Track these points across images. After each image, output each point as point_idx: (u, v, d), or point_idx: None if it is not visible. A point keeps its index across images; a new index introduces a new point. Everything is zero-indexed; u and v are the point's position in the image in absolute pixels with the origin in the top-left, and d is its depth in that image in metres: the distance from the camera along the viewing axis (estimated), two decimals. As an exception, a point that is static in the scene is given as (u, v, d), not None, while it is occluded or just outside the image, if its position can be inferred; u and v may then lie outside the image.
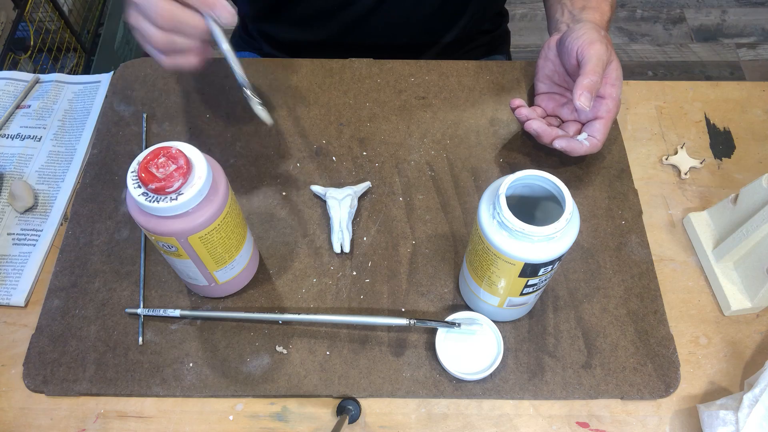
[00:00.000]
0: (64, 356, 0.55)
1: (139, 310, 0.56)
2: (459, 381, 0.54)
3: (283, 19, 0.82)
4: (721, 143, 0.69)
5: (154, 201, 0.44)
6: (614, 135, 0.68)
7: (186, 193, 0.44)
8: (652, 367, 0.54)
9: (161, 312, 0.56)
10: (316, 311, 0.57)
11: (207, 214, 0.46)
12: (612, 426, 0.53)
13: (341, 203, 0.60)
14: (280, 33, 0.85)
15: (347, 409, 0.52)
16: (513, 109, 0.64)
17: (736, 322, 0.58)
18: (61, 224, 0.64)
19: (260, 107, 0.55)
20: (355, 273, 0.59)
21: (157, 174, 0.44)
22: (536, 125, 0.62)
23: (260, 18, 0.84)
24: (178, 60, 0.54)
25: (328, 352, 0.55)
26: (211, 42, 0.54)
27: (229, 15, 0.51)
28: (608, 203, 0.63)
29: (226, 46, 0.53)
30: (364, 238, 0.61)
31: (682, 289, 0.60)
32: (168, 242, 0.47)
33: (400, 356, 0.55)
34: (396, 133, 0.68)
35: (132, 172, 0.45)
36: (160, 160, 0.45)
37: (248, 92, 0.54)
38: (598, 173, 0.65)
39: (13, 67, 1.24)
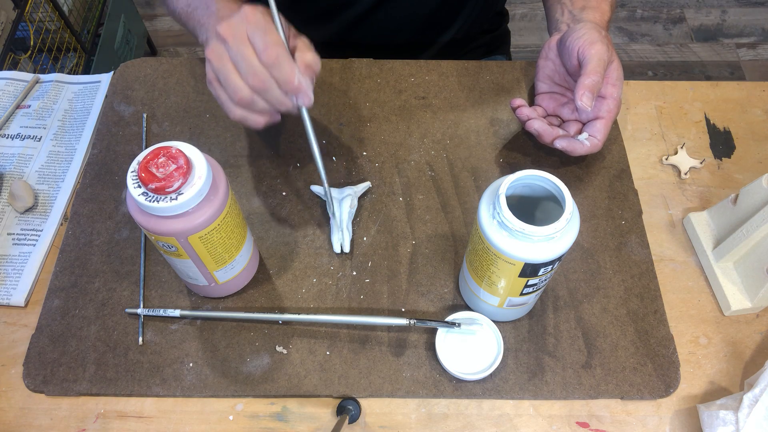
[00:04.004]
0: (64, 356, 0.55)
1: (139, 310, 0.56)
2: (459, 381, 0.54)
3: (288, 21, 0.82)
4: (721, 143, 0.69)
5: (154, 201, 0.44)
6: (614, 135, 0.68)
7: (186, 193, 0.44)
8: (652, 367, 0.54)
9: (161, 312, 0.56)
10: (316, 311, 0.57)
11: (207, 214, 0.46)
12: (612, 426, 0.53)
13: (341, 203, 0.60)
14: None
15: (347, 409, 0.52)
16: (514, 109, 0.64)
17: (736, 322, 0.58)
18: (61, 224, 0.64)
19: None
20: (355, 273, 0.59)
21: (157, 174, 0.44)
22: (537, 125, 0.62)
23: None
24: (249, 117, 0.54)
25: (328, 352, 0.55)
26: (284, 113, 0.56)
27: (309, 102, 0.53)
28: (608, 203, 0.63)
29: (314, 143, 0.56)
30: (364, 238, 0.61)
31: (682, 289, 0.60)
32: (168, 242, 0.47)
33: (400, 356, 0.55)
34: (396, 133, 0.68)
35: (132, 172, 0.45)
36: (160, 160, 0.45)
37: (328, 191, 0.58)
38: (598, 173, 0.65)
39: (13, 67, 1.24)
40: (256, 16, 0.51)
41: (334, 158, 0.66)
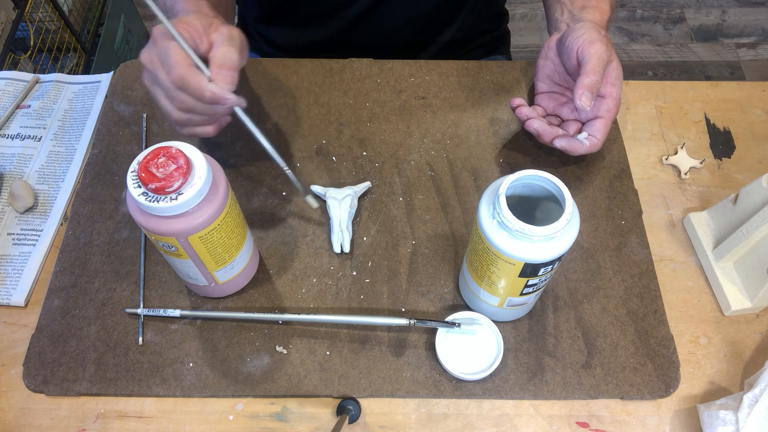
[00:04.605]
0: (64, 356, 0.55)
1: (139, 310, 0.56)
2: (459, 381, 0.54)
3: (288, 20, 0.82)
4: (721, 143, 0.69)
5: (154, 201, 0.44)
6: (614, 135, 0.68)
7: (186, 193, 0.44)
8: (652, 367, 0.54)
9: (161, 312, 0.56)
10: (316, 311, 0.57)
11: (207, 214, 0.46)
12: (612, 426, 0.53)
13: (341, 203, 0.60)
14: (283, 35, 0.85)
15: (347, 409, 0.52)
16: (513, 109, 0.64)
17: (736, 322, 0.58)
18: (61, 224, 0.64)
19: (309, 197, 0.58)
20: (355, 273, 0.59)
21: (157, 174, 0.44)
22: (537, 124, 0.62)
23: (265, 20, 0.84)
24: (196, 131, 0.55)
25: (328, 352, 0.55)
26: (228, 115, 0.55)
27: (234, 103, 0.52)
28: (608, 203, 0.63)
29: (258, 134, 0.55)
30: (364, 238, 0.61)
31: (682, 289, 0.60)
32: (168, 242, 0.47)
33: (400, 356, 0.55)
34: (396, 133, 0.68)
35: (132, 172, 0.45)
36: (160, 160, 0.45)
37: (290, 174, 0.57)
38: (598, 173, 0.65)
39: (13, 67, 1.24)
40: (160, 36, 0.51)
41: (334, 158, 0.66)
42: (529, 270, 0.46)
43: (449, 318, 0.55)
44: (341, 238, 0.60)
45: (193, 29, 0.52)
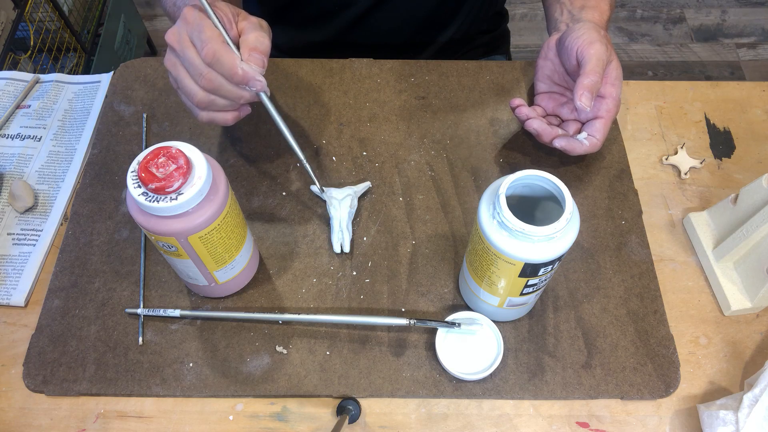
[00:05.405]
0: (64, 356, 0.55)
1: (139, 310, 0.56)
2: (459, 381, 0.54)
3: (289, 22, 0.82)
4: (721, 143, 0.69)
5: (154, 201, 0.44)
6: (614, 135, 0.68)
7: (186, 193, 0.44)
8: (652, 367, 0.54)
9: (161, 312, 0.56)
10: (316, 311, 0.57)
11: (207, 214, 0.46)
12: (612, 426, 0.53)
13: (341, 203, 0.60)
14: (283, 37, 0.85)
15: (347, 409, 0.52)
16: (513, 109, 0.64)
17: (736, 322, 0.58)
18: (61, 224, 0.64)
19: (316, 186, 0.60)
20: (355, 273, 0.59)
21: (157, 174, 0.44)
22: (536, 124, 0.62)
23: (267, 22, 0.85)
24: (215, 116, 0.54)
25: (328, 352, 0.55)
26: (249, 103, 0.56)
27: (262, 87, 0.53)
28: (608, 203, 0.63)
29: (281, 124, 0.56)
30: (364, 238, 0.61)
31: (682, 289, 0.60)
32: (168, 242, 0.47)
33: (400, 356, 0.55)
34: (396, 133, 0.68)
35: (132, 171, 0.45)
36: (160, 160, 0.45)
37: (307, 166, 0.58)
38: (598, 173, 0.65)
39: (13, 67, 1.24)
40: (193, 14, 0.51)
41: (334, 158, 0.66)
42: (529, 270, 0.46)
43: (449, 318, 0.55)
44: (341, 238, 0.60)
45: (223, 14, 0.53)
